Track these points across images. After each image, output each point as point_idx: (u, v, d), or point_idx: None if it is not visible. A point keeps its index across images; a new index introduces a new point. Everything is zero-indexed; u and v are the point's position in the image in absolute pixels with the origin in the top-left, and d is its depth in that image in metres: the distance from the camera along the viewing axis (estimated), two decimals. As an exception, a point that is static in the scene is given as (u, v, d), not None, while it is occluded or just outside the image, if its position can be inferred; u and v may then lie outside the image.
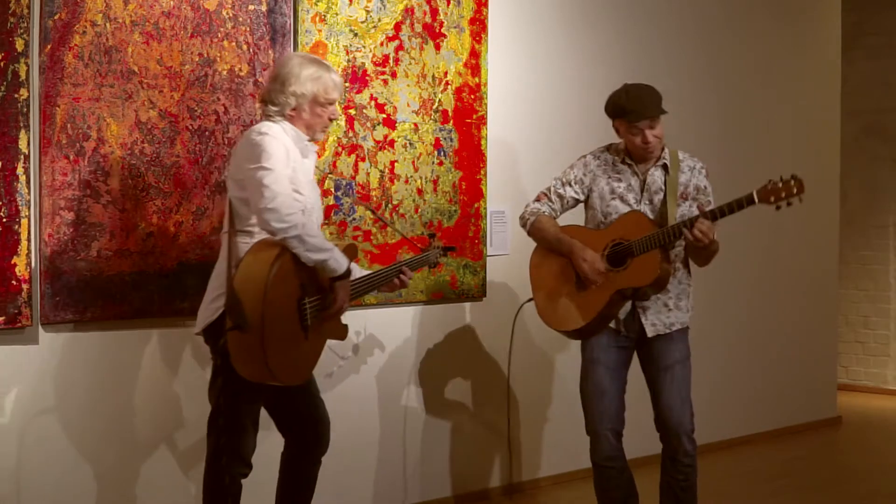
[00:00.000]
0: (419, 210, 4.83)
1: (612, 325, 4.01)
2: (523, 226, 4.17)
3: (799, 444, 6.50)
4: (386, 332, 4.80)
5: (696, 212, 3.93)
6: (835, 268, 7.20)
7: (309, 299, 3.40)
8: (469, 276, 5.05)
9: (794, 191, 3.73)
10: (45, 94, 3.77)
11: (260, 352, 3.24)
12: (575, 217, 4.21)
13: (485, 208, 5.10)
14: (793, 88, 6.78)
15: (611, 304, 3.93)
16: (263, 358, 3.24)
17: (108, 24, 3.91)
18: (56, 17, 3.78)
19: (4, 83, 3.66)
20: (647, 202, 3.99)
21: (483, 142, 5.08)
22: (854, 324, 8.31)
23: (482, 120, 5.07)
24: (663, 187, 3.98)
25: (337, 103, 3.62)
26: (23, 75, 3.69)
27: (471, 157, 5.03)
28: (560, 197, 4.12)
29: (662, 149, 4.00)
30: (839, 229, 7.29)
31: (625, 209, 3.98)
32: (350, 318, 3.77)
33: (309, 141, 3.59)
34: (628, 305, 3.99)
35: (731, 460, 5.90)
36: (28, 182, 3.72)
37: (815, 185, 6.82)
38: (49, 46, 3.77)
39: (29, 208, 3.73)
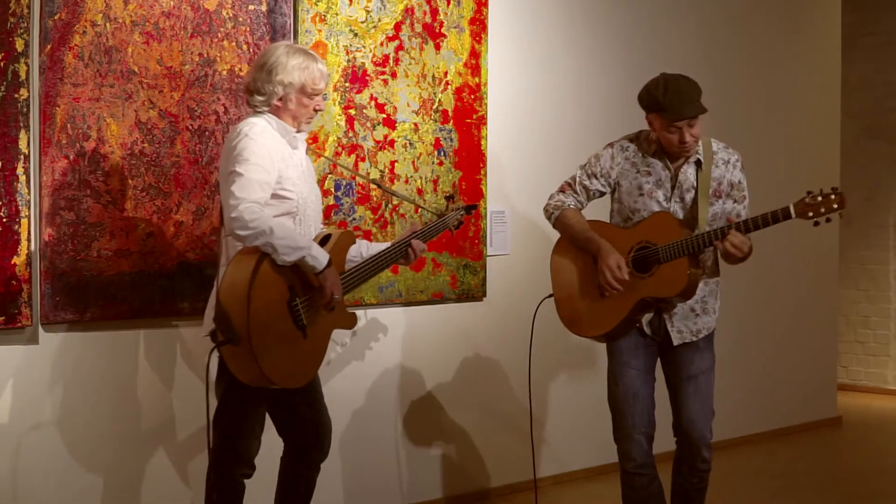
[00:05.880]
0: (419, 210, 4.83)
1: (637, 325, 3.85)
2: (548, 218, 3.99)
3: (799, 444, 6.50)
4: (386, 332, 4.80)
5: (729, 209, 3.77)
6: (835, 268, 7.20)
7: (300, 299, 3.37)
8: (469, 276, 5.05)
9: (835, 206, 3.53)
10: (45, 94, 3.77)
11: (252, 361, 3.23)
12: (597, 209, 4.09)
13: (485, 208, 5.10)
14: (793, 89, 6.77)
15: (633, 312, 3.78)
16: (257, 366, 3.24)
17: (108, 24, 3.91)
18: (56, 17, 3.78)
19: (4, 83, 3.66)
20: (678, 200, 3.80)
21: (483, 142, 5.08)
22: (854, 324, 8.30)
23: (482, 120, 5.07)
24: (695, 184, 3.77)
25: (322, 94, 3.54)
26: (23, 75, 3.69)
27: (471, 157, 5.03)
28: (585, 189, 3.94)
29: (696, 141, 3.78)
30: (839, 229, 7.29)
31: (654, 206, 3.79)
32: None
33: (297, 133, 3.55)
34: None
35: (731, 460, 5.89)
36: (28, 182, 3.72)
37: (815, 185, 6.87)
38: (49, 46, 3.77)
39: (29, 208, 3.73)
